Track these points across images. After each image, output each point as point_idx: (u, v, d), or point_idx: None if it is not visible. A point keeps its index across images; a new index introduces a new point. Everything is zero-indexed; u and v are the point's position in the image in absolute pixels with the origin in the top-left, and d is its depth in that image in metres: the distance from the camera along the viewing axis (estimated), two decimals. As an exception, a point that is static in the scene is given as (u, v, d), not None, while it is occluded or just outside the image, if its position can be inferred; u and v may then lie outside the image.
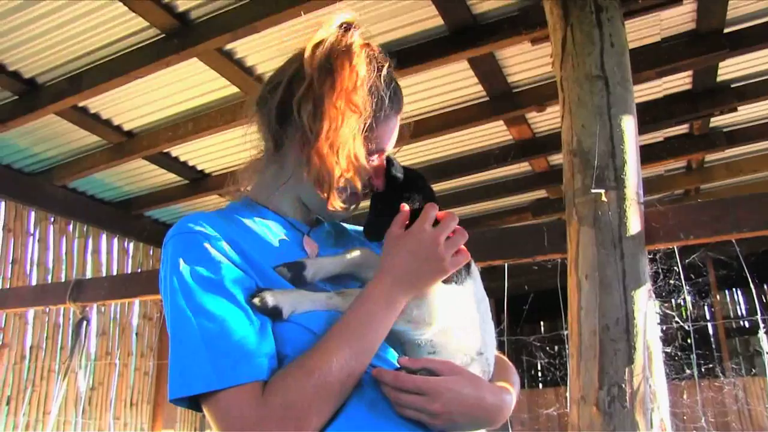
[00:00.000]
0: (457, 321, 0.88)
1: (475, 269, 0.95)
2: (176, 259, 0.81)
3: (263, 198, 0.97)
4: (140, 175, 4.09)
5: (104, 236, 4.59)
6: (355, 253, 0.92)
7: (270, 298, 0.79)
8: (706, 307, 5.86)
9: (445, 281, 0.87)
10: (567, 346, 1.66)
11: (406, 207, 0.88)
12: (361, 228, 1.04)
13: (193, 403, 0.77)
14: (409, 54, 2.81)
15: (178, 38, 2.63)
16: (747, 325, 6.15)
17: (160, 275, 0.85)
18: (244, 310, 0.78)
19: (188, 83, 3.05)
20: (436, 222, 0.86)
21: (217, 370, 0.73)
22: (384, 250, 0.87)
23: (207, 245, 0.81)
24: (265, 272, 0.84)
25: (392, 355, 0.86)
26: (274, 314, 0.79)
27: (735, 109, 3.35)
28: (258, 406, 0.72)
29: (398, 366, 0.82)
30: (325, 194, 0.89)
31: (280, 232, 0.93)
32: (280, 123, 0.94)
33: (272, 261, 0.85)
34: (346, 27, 0.94)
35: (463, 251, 0.87)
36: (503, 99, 3.26)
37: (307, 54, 0.92)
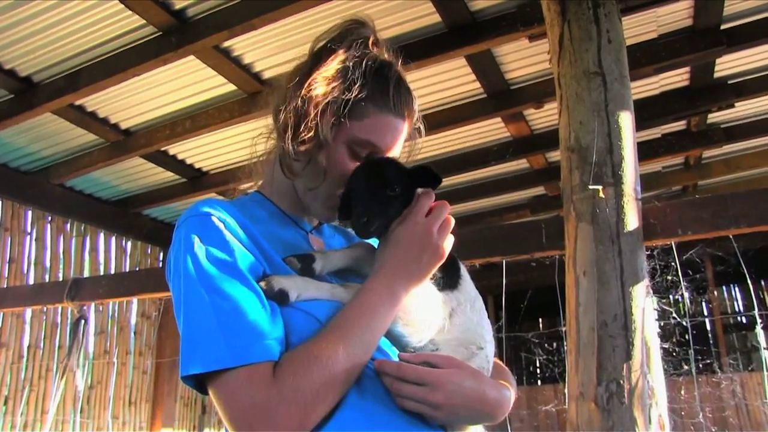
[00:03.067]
0: (455, 321, 0.90)
1: (463, 269, 0.97)
2: (191, 239, 0.81)
3: (270, 193, 1.00)
4: (138, 173, 4.08)
5: (102, 235, 4.58)
6: (359, 248, 0.95)
7: (276, 283, 0.81)
8: (703, 303, 5.87)
9: (441, 288, 0.90)
10: (565, 343, 1.66)
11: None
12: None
13: (200, 384, 0.78)
14: (407, 51, 2.75)
15: (175, 36, 2.62)
16: (744, 320, 6.17)
17: (170, 256, 0.86)
18: (257, 293, 0.79)
19: (185, 81, 3.05)
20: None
21: (231, 349, 0.73)
22: (383, 244, 0.88)
23: (222, 227, 0.83)
24: (274, 262, 0.85)
25: (393, 351, 0.87)
26: (280, 298, 0.80)
27: (732, 106, 3.36)
28: (269, 387, 0.72)
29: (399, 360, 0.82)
30: (294, 175, 0.92)
31: (285, 227, 0.95)
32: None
33: (280, 252, 0.87)
34: (353, 24, 0.97)
35: (450, 236, 0.89)
36: (501, 96, 3.26)
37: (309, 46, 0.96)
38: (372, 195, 0.88)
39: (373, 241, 0.98)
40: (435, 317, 0.88)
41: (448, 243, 0.88)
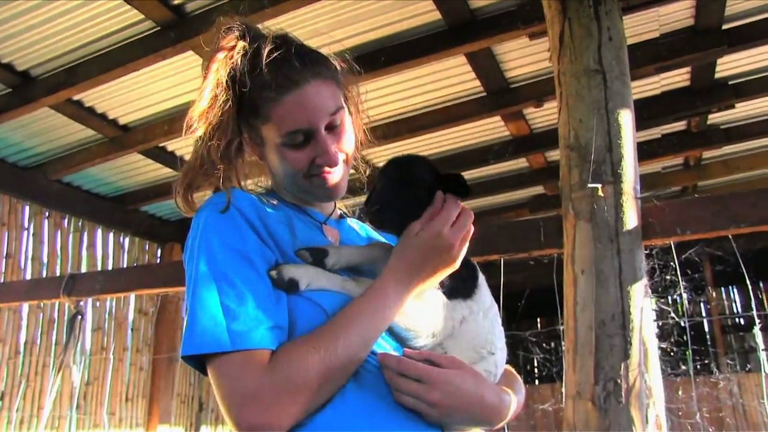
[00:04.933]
0: (464, 328, 0.89)
1: (482, 278, 0.97)
2: (207, 225, 0.85)
3: (278, 190, 1.01)
4: (136, 169, 4.07)
5: (99, 231, 4.57)
6: (375, 249, 0.93)
7: (287, 272, 0.82)
8: (701, 304, 5.87)
9: (453, 296, 0.89)
10: (563, 342, 1.66)
11: (441, 200, 0.87)
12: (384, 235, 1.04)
13: (201, 365, 0.79)
14: (407, 48, 2.79)
15: (174, 31, 2.61)
16: (742, 321, 6.17)
17: (187, 240, 0.88)
18: (264, 281, 0.81)
19: (184, 76, 3.03)
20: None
21: (231, 333, 0.75)
22: (402, 243, 0.87)
23: (238, 216, 0.86)
24: (287, 254, 0.87)
25: (396, 348, 0.87)
26: (290, 287, 0.82)
27: (733, 106, 3.35)
28: (262, 374, 0.74)
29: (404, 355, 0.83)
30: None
31: (299, 219, 0.96)
32: None
33: (295, 244, 0.88)
34: (223, 32, 0.94)
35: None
36: (501, 94, 3.25)
37: None
38: (393, 187, 0.88)
39: (392, 241, 0.96)
40: (439, 324, 0.87)
41: (464, 251, 0.89)
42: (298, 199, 0.99)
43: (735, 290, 6.29)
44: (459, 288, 0.91)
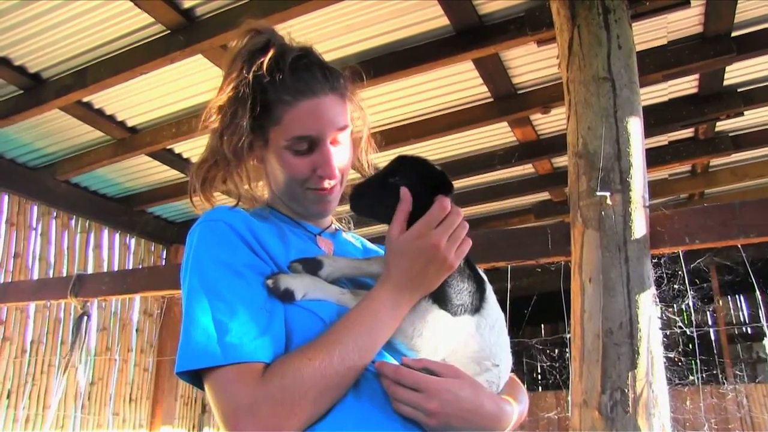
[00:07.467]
0: (470, 342, 0.88)
1: (490, 290, 0.95)
2: (200, 242, 0.86)
3: (274, 203, 1.02)
4: (143, 171, 4.09)
5: (106, 232, 4.59)
6: (374, 263, 0.92)
7: (283, 282, 0.82)
8: (708, 313, 5.83)
9: (457, 314, 0.87)
10: (569, 350, 1.65)
11: (408, 196, 0.86)
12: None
13: (197, 380, 0.79)
14: (415, 54, 2.80)
15: (183, 35, 2.63)
16: (749, 331, 6.12)
17: (183, 257, 0.89)
18: (257, 294, 0.81)
19: (193, 80, 3.05)
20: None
21: (222, 348, 0.75)
22: (387, 253, 0.87)
23: (230, 232, 0.86)
24: (282, 267, 0.87)
25: (397, 358, 0.86)
26: (286, 297, 0.82)
27: (741, 114, 3.33)
28: (255, 386, 0.73)
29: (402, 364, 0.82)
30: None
31: (293, 232, 0.96)
32: None
33: (289, 256, 0.89)
34: (250, 34, 0.97)
35: (466, 240, 0.87)
36: (508, 100, 3.24)
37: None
38: (372, 178, 0.91)
39: None
40: (442, 344, 0.86)
41: (462, 251, 0.86)
42: (293, 211, 1.00)
43: (742, 299, 6.24)
44: (465, 304, 0.89)
